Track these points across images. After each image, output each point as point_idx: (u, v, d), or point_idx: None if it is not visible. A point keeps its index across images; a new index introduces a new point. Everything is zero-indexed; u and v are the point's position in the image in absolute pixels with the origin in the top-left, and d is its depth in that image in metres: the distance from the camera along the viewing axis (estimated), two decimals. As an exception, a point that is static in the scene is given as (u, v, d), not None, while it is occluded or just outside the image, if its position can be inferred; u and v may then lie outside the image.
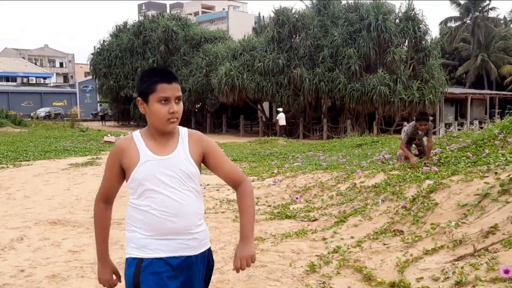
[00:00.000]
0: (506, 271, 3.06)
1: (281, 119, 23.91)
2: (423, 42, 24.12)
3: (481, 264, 3.32)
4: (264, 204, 6.57)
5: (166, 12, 60.45)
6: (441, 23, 48.46)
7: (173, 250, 1.92)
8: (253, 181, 8.03)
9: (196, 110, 32.94)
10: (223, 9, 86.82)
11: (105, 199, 2.05)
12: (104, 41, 34.46)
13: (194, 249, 1.96)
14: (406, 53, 24.17)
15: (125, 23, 34.74)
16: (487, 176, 4.66)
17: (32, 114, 35.29)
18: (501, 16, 49.64)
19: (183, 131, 2.03)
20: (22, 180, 9.01)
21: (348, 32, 24.19)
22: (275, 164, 9.77)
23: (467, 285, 3.15)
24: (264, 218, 5.78)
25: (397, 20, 24.42)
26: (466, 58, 46.16)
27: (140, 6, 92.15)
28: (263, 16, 28.30)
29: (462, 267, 3.34)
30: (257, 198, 6.95)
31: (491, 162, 5.21)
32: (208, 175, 8.57)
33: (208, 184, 7.89)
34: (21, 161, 11.74)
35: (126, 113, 35.37)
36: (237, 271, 2.00)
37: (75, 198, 7.48)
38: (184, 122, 32.77)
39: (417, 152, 7.24)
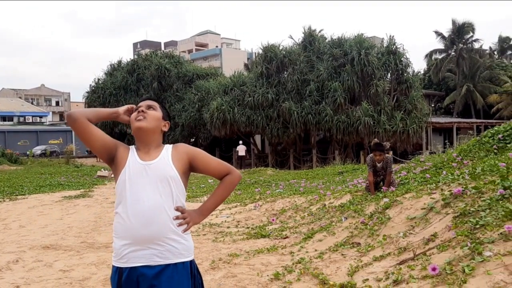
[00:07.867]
0: (433, 269, 3.60)
1: (240, 150, 26.84)
2: (405, 75, 25.04)
3: (416, 265, 3.86)
4: (243, 226, 7.08)
5: (160, 50, 61.88)
6: (427, 55, 49.91)
7: (149, 259, 2.01)
8: (235, 206, 8.56)
9: (191, 143, 33.56)
10: (216, 46, 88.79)
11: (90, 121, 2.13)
12: (98, 79, 35.30)
13: (170, 259, 2.03)
14: (389, 85, 25.05)
15: (120, 62, 35.73)
16: (435, 193, 5.23)
17: (28, 152, 35.79)
18: (486, 47, 51.13)
19: (169, 146, 2.20)
20: (18, 212, 9.48)
21: (333, 67, 25.14)
22: (258, 191, 10.30)
23: (402, 283, 3.69)
24: (241, 238, 6.29)
25: (380, 54, 25.41)
26: (453, 88, 47.38)
27: (135, 44, 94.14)
28: (255, 53, 29.47)
29: (400, 269, 3.87)
30: (238, 221, 7.48)
31: (440, 180, 5.79)
32: (188, 202, 9.06)
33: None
34: (17, 195, 12.21)
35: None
36: (177, 218, 2.06)
37: (67, 226, 7.96)
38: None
39: None
